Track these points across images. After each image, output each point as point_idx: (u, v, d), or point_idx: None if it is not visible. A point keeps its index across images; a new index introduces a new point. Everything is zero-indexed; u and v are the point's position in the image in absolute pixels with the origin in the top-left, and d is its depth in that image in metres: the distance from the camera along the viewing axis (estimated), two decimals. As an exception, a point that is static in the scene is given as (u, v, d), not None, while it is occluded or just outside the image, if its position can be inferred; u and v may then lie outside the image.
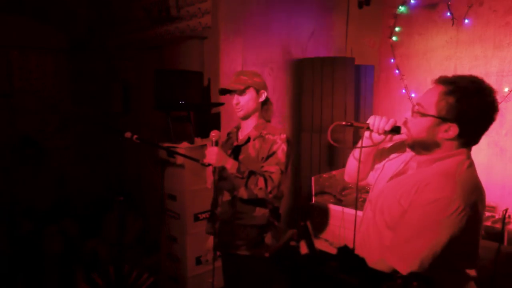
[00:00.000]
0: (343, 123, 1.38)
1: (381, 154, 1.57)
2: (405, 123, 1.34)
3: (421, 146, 1.31)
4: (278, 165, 1.93)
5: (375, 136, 1.39)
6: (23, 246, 3.27)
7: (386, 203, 1.34)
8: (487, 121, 1.25)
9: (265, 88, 2.10)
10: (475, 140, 1.29)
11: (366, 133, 1.40)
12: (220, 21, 3.16)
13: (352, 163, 1.59)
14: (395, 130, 1.34)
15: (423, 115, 1.26)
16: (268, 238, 2.03)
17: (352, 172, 1.59)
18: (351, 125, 1.37)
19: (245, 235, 2.02)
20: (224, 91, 2.08)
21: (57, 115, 4.58)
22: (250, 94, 2.05)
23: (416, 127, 1.29)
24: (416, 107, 1.30)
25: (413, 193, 1.24)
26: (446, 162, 1.27)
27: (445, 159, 1.28)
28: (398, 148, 1.53)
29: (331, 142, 1.38)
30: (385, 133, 1.34)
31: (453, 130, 1.23)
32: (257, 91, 2.06)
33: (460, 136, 1.24)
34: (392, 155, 1.55)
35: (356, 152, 1.54)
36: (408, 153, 1.45)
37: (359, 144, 1.43)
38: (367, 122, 1.37)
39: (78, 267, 3.23)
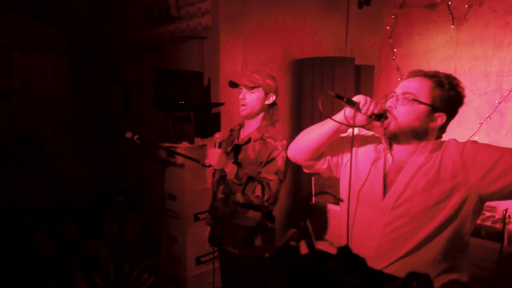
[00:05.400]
0: (334, 94, 1.25)
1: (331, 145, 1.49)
2: (389, 111, 1.30)
3: (412, 134, 1.29)
4: (277, 174, 1.92)
5: (358, 117, 1.30)
6: (21, 246, 3.27)
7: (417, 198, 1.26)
8: (455, 113, 1.33)
9: (275, 92, 2.07)
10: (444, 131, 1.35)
11: (349, 112, 1.31)
12: (220, 21, 3.16)
13: (311, 139, 1.47)
14: (382, 115, 1.29)
15: (421, 103, 1.27)
16: (258, 241, 2.02)
17: (308, 147, 1.48)
18: (342, 98, 1.26)
19: (235, 234, 2.03)
20: (233, 84, 2.07)
21: (57, 115, 4.57)
22: (257, 94, 2.03)
23: (408, 115, 1.28)
24: (409, 96, 1.28)
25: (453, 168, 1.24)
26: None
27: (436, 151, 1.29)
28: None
29: (321, 109, 1.29)
30: (371, 116, 1.28)
31: (441, 119, 1.29)
32: (266, 93, 2.04)
33: (443, 125, 1.31)
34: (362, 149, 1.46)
35: (313, 130, 1.46)
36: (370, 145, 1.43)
37: (337, 119, 1.33)
38: (357, 101, 1.28)
39: (75, 268, 3.22)
